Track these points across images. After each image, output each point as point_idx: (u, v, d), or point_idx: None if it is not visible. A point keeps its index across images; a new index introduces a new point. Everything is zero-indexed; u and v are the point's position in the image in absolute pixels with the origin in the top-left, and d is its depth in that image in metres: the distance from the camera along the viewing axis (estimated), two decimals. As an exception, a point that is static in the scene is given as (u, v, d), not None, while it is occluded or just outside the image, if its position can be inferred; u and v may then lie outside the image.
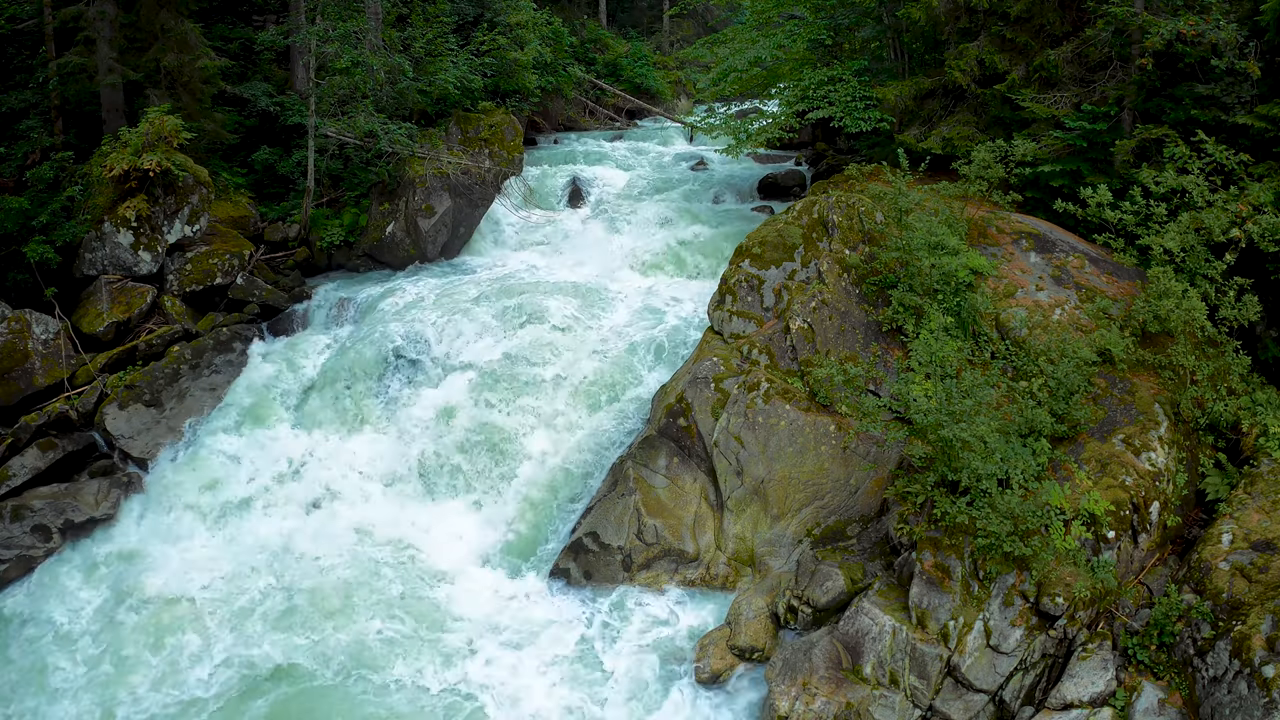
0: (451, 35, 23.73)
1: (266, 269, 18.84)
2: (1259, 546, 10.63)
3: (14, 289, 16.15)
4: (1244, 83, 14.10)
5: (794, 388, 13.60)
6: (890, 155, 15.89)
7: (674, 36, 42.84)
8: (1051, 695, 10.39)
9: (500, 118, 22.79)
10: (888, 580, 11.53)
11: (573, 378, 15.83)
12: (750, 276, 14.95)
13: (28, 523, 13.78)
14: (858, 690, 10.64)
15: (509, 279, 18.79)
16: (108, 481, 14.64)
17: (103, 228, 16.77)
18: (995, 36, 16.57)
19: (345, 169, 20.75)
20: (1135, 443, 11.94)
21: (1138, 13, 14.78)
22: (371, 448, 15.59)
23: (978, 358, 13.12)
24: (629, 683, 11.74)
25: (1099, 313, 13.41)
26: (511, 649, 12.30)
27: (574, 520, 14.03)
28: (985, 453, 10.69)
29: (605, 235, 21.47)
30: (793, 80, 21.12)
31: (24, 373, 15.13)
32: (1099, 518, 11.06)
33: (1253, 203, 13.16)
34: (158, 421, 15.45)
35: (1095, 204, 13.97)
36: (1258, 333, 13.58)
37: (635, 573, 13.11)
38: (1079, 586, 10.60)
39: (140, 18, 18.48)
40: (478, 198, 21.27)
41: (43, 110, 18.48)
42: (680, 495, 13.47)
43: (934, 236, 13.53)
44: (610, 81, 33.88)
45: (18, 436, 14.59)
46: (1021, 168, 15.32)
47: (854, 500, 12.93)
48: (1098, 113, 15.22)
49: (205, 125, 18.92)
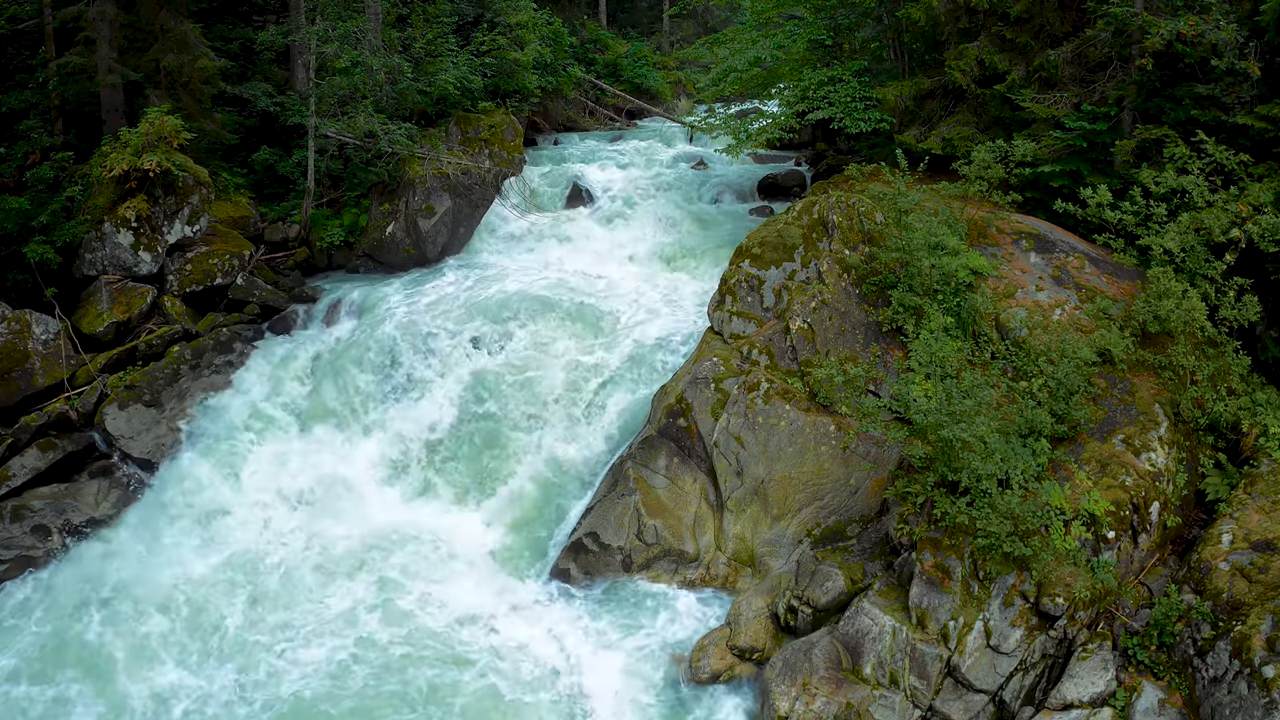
0: (451, 35, 23.71)
1: (266, 269, 18.84)
2: (1259, 547, 10.64)
3: (14, 289, 16.15)
4: (1244, 83, 14.10)
5: (794, 388, 13.60)
6: (890, 156, 15.89)
7: (674, 37, 42.83)
8: (1051, 695, 10.39)
9: (500, 118, 22.78)
10: (888, 580, 11.53)
11: (572, 378, 15.83)
12: (750, 277, 14.95)
13: (28, 523, 13.78)
14: (858, 690, 10.64)
15: (509, 279, 18.78)
16: (108, 482, 14.64)
17: (103, 228, 16.77)
18: (995, 37, 16.56)
19: (345, 169, 20.75)
20: (1135, 443, 11.94)
21: (1138, 13, 14.77)
22: (369, 448, 15.58)
23: (978, 358, 13.12)
24: (628, 683, 11.72)
25: (1099, 313, 13.41)
26: (509, 648, 12.29)
27: (574, 520, 14.03)
28: (985, 453, 10.69)
29: (605, 235, 21.46)
30: (793, 80, 21.12)
31: (24, 373, 15.12)
32: (1099, 518, 11.07)
33: (1253, 203, 13.16)
34: (158, 422, 15.45)
35: (1095, 204, 13.97)
36: (1258, 333, 13.58)
37: (635, 573, 13.11)
38: (1079, 587, 10.60)
39: (140, 18, 18.48)
40: (478, 198, 21.26)
41: (43, 110, 18.49)
42: (680, 495, 13.47)
43: (934, 237, 13.53)
44: (610, 82, 33.87)
45: (18, 437, 14.59)
46: (1021, 168, 15.31)
47: (854, 500, 12.93)
48: (1098, 113, 15.21)
49: (205, 125, 18.92)
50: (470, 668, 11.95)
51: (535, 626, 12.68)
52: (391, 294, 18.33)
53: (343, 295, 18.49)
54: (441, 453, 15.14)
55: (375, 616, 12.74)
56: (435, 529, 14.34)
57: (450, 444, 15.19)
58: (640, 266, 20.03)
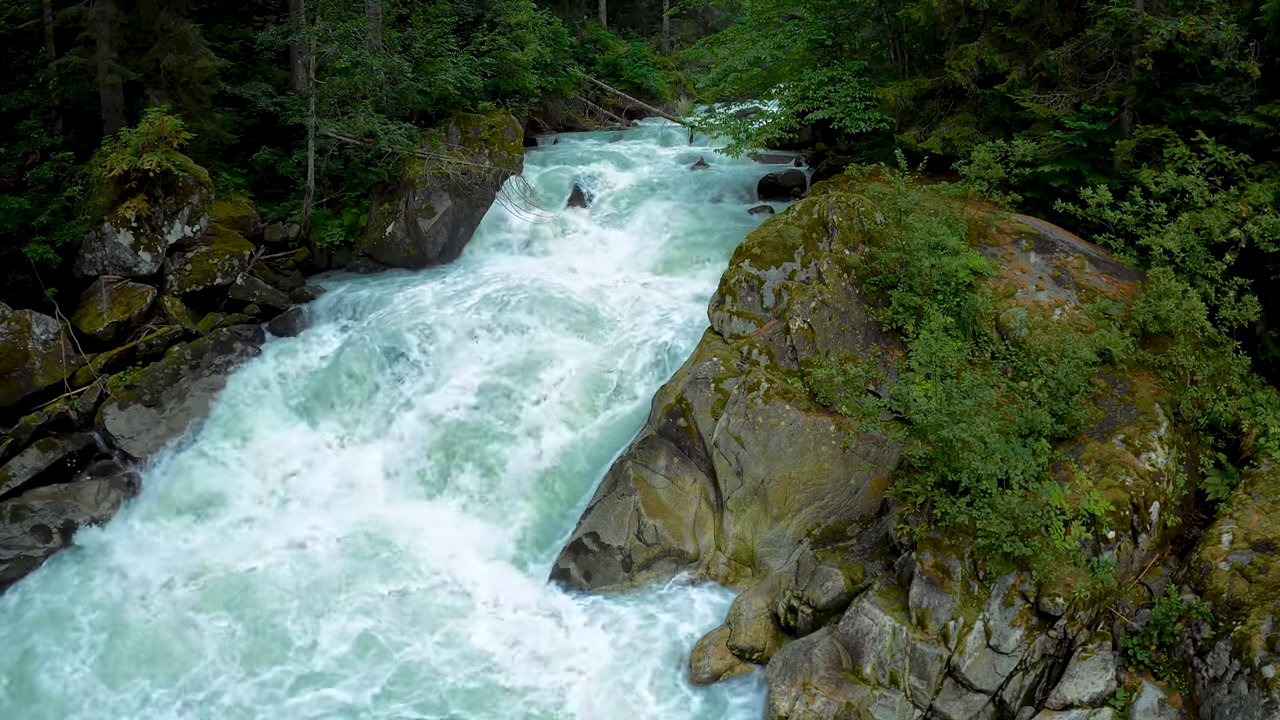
0: (451, 35, 23.71)
1: (266, 269, 18.84)
2: (1259, 547, 10.64)
3: (14, 289, 16.15)
4: (1244, 83, 14.10)
5: (794, 388, 13.60)
6: (890, 156, 15.90)
7: (674, 37, 42.84)
8: (1051, 695, 10.39)
9: (500, 118, 22.79)
10: (888, 580, 11.53)
11: (572, 378, 15.83)
12: (750, 277, 14.95)
13: (28, 523, 13.78)
14: (858, 690, 10.64)
15: (509, 279, 18.78)
16: (108, 482, 14.64)
17: (103, 228, 16.77)
18: (995, 37, 16.57)
19: (345, 169, 20.75)
20: (1135, 443, 11.94)
21: (1138, 13, 14.78)
22: (369, 447, 15.59)
23: (978, 358, 13.12)
24: (628, 683, 11.72)
25: (1099, 313, 13.41)
26: (509, 646, 12.29)
27: (574, 521, 14.03)
28: (985, 453, 10.69)
29: (605, 235, 21.47)
30: (793, 80, 21.13)
31: (24, 373, 15.12)
32: (1099, 518, 11.07)
33: (1253, 203, 13.16)
34: (158, 422, 15.45)
35: (1095, 204, 13.97)
36: (1258, 333, 13.58)
37: (635, 573, 13.11)
38: (1079, 587, 10.60)
39: (140, 18, 18.48)
40: (478, 198, 21.27)
41: (43, 110, 18.49)
42: (680, 495, 13.47)
43: (934, 237, 13.53)
44: (610, 82, 33.88)
45: (18, 437, 14.59)
46: (1021, 168, 15.32)
47: (854, 500, 12.93)
48: (1098, 113, 15.21)
49: (205, 125, 18.92)
50: (468, 666, 11.96)
51: (534, 625, 12.67)
52: (391, 294, 18.32)
53: (343, 295, 18.50)
54: (441, 452, 15.13)
55: (373, 615, 12.76)
56: (434, 528, 14.32)
57: (450, 443, 15.17)
58: (640, 266, 20.02)
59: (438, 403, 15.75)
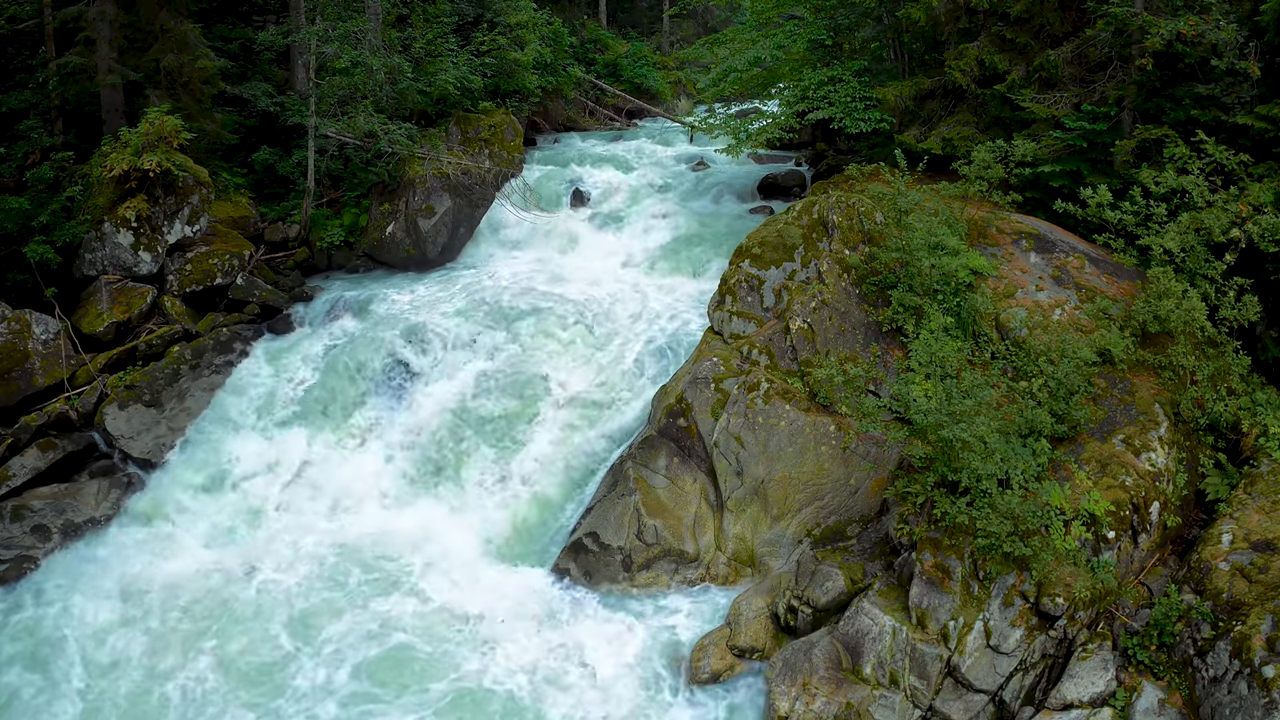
0: (451, 35, 23.71)
1: (266, 269, 18.84)
2: (1259, 547, 10.64)
3: (14, 289, 16.15)
4: (1244, 83, 14.10)
5: (794, 388, 13.60)
6: (890, 156, 15.90)
7: (674, 37, 42.82)
8: (1051, 695, 10.39)
9: (500, 118, 22.78)
10: (888, 580, 11.53)
11: (571, 378, 15.83)
12: (750, 277, 14.95)
13: (28, 523, 13.78)
14: (858, 690, 10.64)
15: (508, 279, 18.78)
16: (108, 481, 14.64)
17: (103, 228, 16.77)
18: (995, 37, 16.57)
19: (345, 169, 20.75)
20: (1135, 443, 11.94)
21: (1138, 13, 14.78)
22: (369, 447, 15.57)
23: (978, 358, 13.12)
24: (629, 683, 11.72)
25: (1099, 313, 13.41)
26: (506, 645, 12.29)
27: (574, 520, 14.03)
28: (985, 453, 10.69)
29: (605, 235, 21.45)
30: (793, 80, 21.12)
31: (24, 373, 15.13)
32: (1099, 518, 11.07)
33: (1253, 203, 13.16)
34: (158, 422, 15.45)
35: (1095, 204, 13.97)
36: (1258, 333, 13.58)
37: (635, 573, 13.11)
38: (1079, 587, 10.60)
39: (140, 18, 18.48)
40: (478, 198, 21.27)
41: (43, 110, 18.48)
42: (680, 495, 13.47)
43: (934, 237, 13.53)
44: (610, 82, 33.87)
45: (18, 437, 14.59)
46: (1021, 168, 15.32)
47: (854, 500, 12.93)
48: (1098, 113, 15.22)
49: (205, 125, 18.92)
50: (466, 666, 11.95)
51: (533, 626, 12.66)
52: (391, 294, 18.32)
53: (342, 295, 18.48)
54: (440, 452, 15.13)
55: (371, 615, 12.76)
56: (434, 528, 14.33)
57: (449, 444, 15.17)
58: (639, 266, 20.01)
59: (435, 403, 15.74)
